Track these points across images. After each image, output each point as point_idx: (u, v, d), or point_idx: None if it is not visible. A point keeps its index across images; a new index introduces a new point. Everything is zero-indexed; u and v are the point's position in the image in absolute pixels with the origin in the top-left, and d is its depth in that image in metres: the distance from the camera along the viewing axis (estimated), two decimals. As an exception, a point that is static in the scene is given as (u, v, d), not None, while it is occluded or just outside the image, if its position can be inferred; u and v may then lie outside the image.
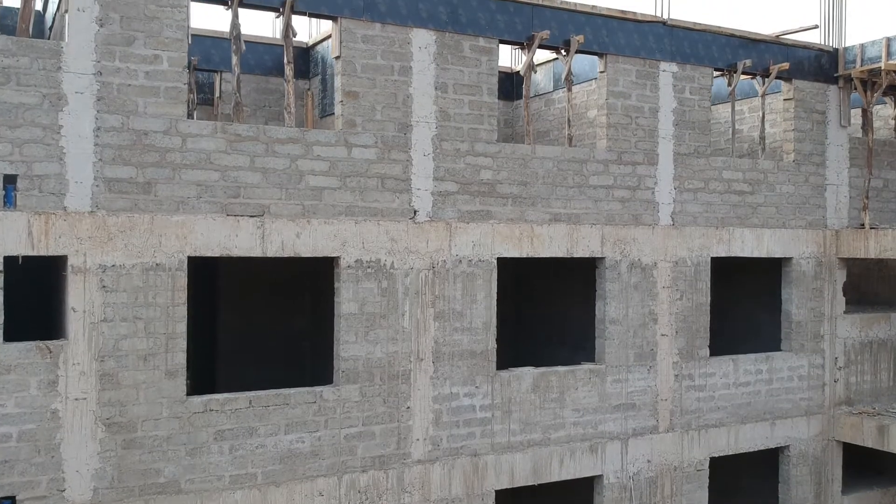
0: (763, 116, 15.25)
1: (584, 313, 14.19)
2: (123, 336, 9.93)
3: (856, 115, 16.98)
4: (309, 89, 15.36)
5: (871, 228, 15.25)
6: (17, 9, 12.10)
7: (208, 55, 14.78)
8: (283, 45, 11.38)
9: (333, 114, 13.39)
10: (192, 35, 11.07)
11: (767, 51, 14.86)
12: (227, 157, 10.52)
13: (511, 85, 17.82)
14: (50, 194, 9.59)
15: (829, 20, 15.60)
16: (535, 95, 17.62)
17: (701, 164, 14.12)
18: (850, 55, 15.48)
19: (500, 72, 13.60)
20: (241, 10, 10.94)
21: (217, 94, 15.16)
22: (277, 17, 11.16)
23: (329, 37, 14.03)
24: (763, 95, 15.13)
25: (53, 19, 12.22)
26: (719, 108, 17.54)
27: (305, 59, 15.39)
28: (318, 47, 15.13)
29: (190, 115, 12.61)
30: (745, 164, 14.68)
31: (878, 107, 17.90)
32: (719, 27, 14.36)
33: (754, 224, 14.70)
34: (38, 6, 13.78)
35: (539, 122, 17.30)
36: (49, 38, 13.41)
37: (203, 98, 15.83)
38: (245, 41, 12.67)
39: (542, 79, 17.31)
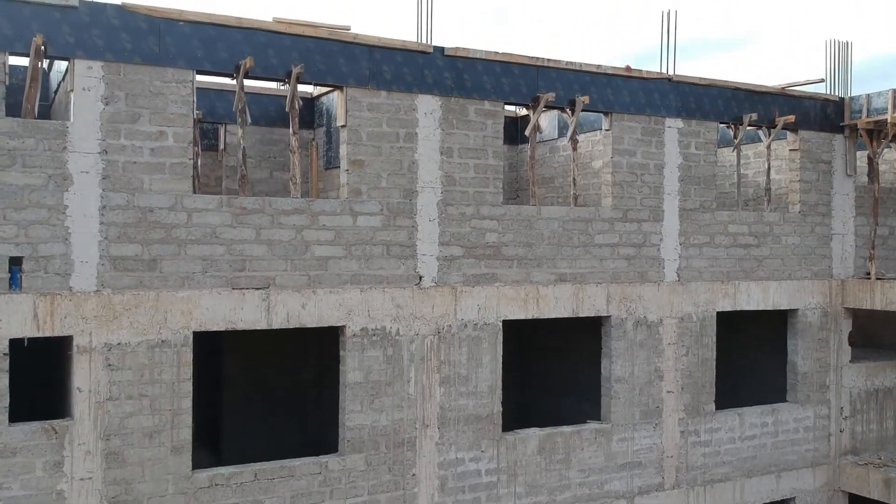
0: (769, 168, 15.21)
1: (589, 363, 14.15)
2: (129, 414, 9.92)
3: (861, 155, 16.91)
4: (313, 139, 15.35)
5: (877, 279, 15.19)
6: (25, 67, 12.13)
7: (213, 108, 14.76)
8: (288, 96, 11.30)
9: (338, 167, 13.41)
10: (197, 88, 11.02)
11: (773, 102, 14.81)
12: (233, 231, 10.50)
13: (515, 129, 17.78)
14: (55, 275, 9.58)
15: (835, 70, 15.55)
16: (540, 142, 17.57)
17: (706, 219, 14.08)
18: (857, 105, 15.43)
19: (504, 116, 13.51)
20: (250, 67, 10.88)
21: (222, 146, 15.15)
22: (283, 85, 11.13)
23: (334, 89, 14.01)
24: (769, 147, 15.08)
25: (58, 86, 12.23)
26: (724, 151, 17.49)
27: (310, 108, 15.36)
28: (323, 98, 15.11)
29: (195, 174, 12.54)
30: (750, 217, 14.64)
31: (884, 149, 17.83)
32: (725, 81, 14.32)
33: (760, 277, 14.66)
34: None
35: (543, 169, 17.25)
36: (54, 97, 13.42)
37: (207, 144, 15.82)
38: (250, 92, 12.71)
39: (546, 126, 17.26)
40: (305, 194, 13.56)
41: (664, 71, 13.85)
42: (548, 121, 17.33)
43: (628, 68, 19.83)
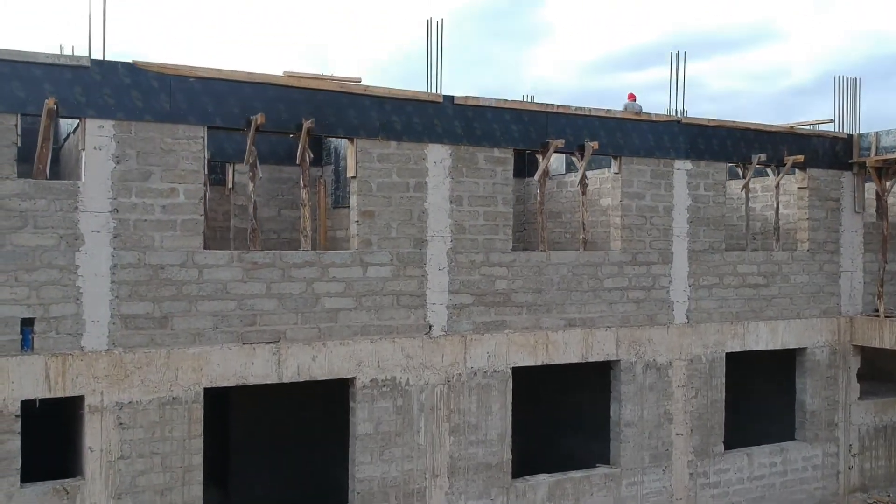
0: (777, 207, 15.18)
1: (598, 401, 14.10)
2: (140, 472, 9.91)
3: (869, 187, 16.86)
4: (321, 177, 15.34)
5: (886, 317, 15.16)
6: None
7: (221, 147, 14.75)
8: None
9: (346, 206, 13.41)
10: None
11: (782, 141, 14.79)
12: (244, 286, 10.49)
13: (522, 162, 17.75)
14: (67, 335, 9.57)
15: (843, 107, 15.53)
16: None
17: (716, 260, 14.05)
18: (865, 142, 15.40)
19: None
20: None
21: (230, 185, 15.14)
22: (292, 136, 11.12)
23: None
24: (777, 186, 15.05)
25: (66, 136, 12.23)
26: (731, 183, 17.45)
27: (318, 146, 15.34)
28: (331, 136, 15.06)
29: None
30: (759, 256, 14.62)
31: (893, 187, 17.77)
32: (734, 122, 14.30)
33: (769, 316, 14.63)
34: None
35: (551, 203, 17.21)
36: (63, 143, 13.43)
37: (215, 179, 15.81)
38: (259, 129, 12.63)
39: (554, 161, 17.21)
40: (314, 243, 13.50)
41: (672, 108, 13.85)
42: (555, 156, 17.27)
43: (631, 96, 19.88)
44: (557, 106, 12.68)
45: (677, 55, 13.83)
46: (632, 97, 22.82)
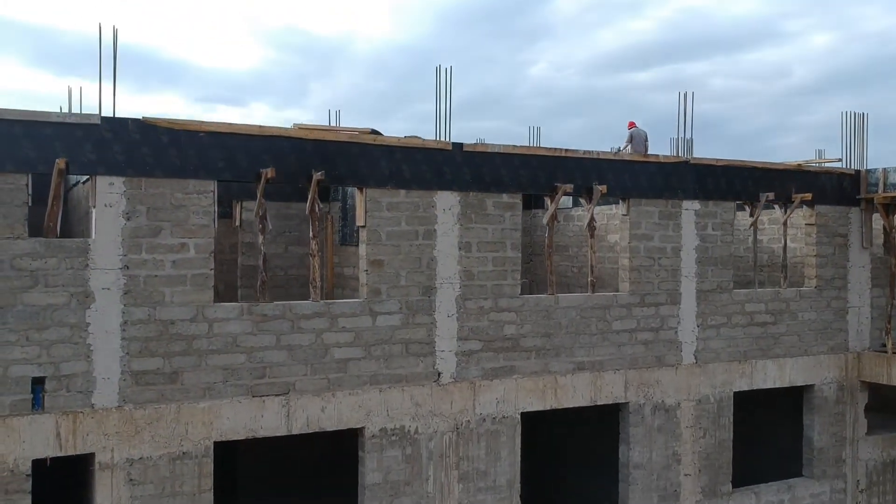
0: (785, 245, 15.17)
1: (606, 442, 14.07)
2: (150, 528, 9.90)
3: (876, 217, 16.82)
4: (328, 213, 15.32)
5: (893, 353, 15.13)
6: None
7: (229, 186, 14.70)
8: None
9: (354, 244, 13.40)
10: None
11: (790, 179, 14.77)
12: (254, 339, 10.49)
13: (529, 195, 17.70)
14: (77, 393, 9.57)
15: (851, 142, 15.50)
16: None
17: (724, 300, 14.04)
18: (873, 178, 15.39)
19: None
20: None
21: (237, 223, 15.11)
22: (302, 186, 11.11)
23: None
24: (785, 223, 15.04)
25: (75, 183, 12.22)
26: (738, 214, 17.42)
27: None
28: (341, 186, 15.04)
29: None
30: (767, 294, 14.60)
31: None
32: (742, 161, 14.29)
33: (777, 354, 14.62)
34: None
35: (558, 237, 17.19)
36: (71, 187, 13.42)
37: (223, 212, 15.78)
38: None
39: (561, 194, 17.21)
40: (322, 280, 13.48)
41: (681, 146, 13.83)
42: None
43: (631, 124, 19.89)
44: (566, 150, 12.67)
45: (684, 95, 13.80)
46: (632, 125, 22.79)
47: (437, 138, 12.02)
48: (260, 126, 10.57)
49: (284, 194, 15.33)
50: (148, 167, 9.90)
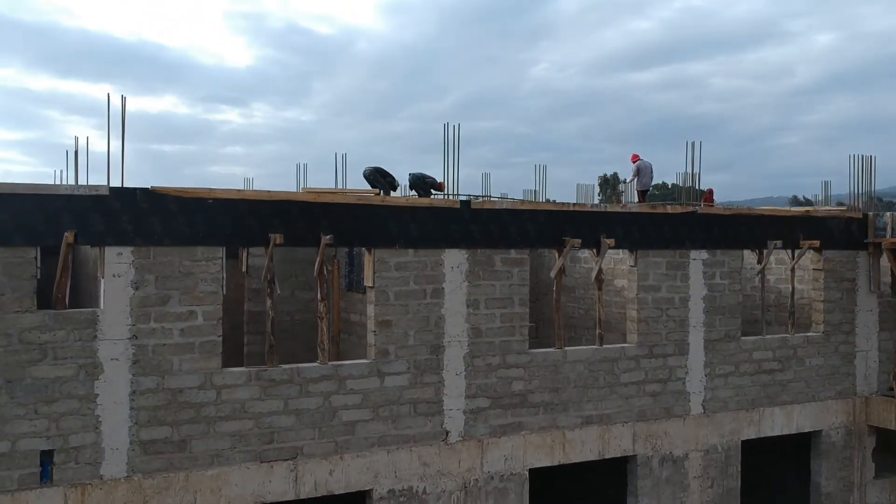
0: (793, 291, 15.12)
1: (612, 489, 14.01)
2: None
3: (884, 265, 16.77)
4: (335, 257, 15.28)
5: (901, 398, 15.09)
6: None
7: (235, 232, 14.67)
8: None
9: (361, 290, 13.35)
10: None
11: (797, 225, 14.73)
12: (262, 404, 10.46)
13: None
14: (86, 464, 9.55)
15: (857, 186, 15.47)
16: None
17: (731, 348, 14.00)
18: (881, 223, 15.34)
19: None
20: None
21: (244, 269, 15.07)
22: (314, 247, 11.07)
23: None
24: (793, 270, 14.99)
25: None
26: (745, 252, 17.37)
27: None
28: (349, 247, 14.98)
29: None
30: (775, 342, 14.56)
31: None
32: (749, 209, 14.27)
33: (784, 401, 14.57)
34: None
35: (564, 279, 17.13)
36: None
37: (229, 252, 15.74)
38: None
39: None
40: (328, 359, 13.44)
41: (688, 192, 13.80)
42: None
43: (635, 157, 19.81)
44: (574, 204, 12.65)
45: (692, 144, 13.77)
46: (636, 158, 22.79)
47: (445, 191, 11.99)
48: (269, 192, 10.55)
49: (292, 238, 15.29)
50: (156, 236, 9.88)
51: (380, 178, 19.12)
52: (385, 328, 11.26)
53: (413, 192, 20.22)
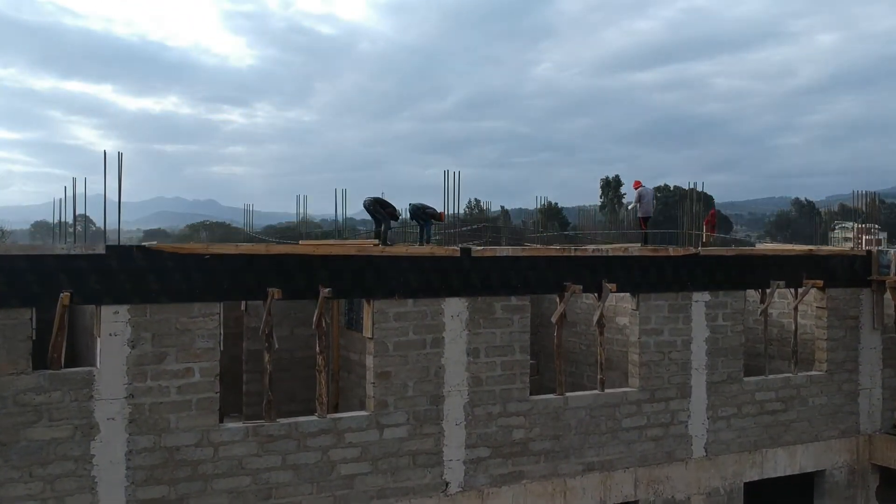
0: (796, 329, 15.00)
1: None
2: None
3: (887, 300, 16.66)
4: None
5: (905, 437, 14.97)
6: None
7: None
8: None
9: (360, 329, 13.23)
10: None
11: (801, 264, 14.61)
12: (259, 460, 10.35)
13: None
14: (82, 526, 9.44)
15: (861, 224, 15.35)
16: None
17: (734, 390, 13.88)
18: (885, 260, 15.22)
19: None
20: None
21: (243, 308, 14.99)
22: (314, 300, 10.97)
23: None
24: (796, 308, 14.88)
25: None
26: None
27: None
28: (348, 299, 14.86)
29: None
30: (777, 382, 14.44)
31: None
32: (752, 250, 14.16)
33: (787, 441, 14.45)
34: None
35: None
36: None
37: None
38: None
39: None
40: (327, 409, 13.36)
41: (690, 239, 13.69)
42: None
43: (637, 183, 19.69)
44: (575, 249, 12.54)
45: (695, 184, 13.65)
46: (638, 184, 22.70)
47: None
48: (266, 246, 10.47)
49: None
50: (153, 294, 9.78)
51: (379, 208, 19.04)
52: (384, 379, 11.15)
53: (413, 221, 20.16)
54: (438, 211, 20.45)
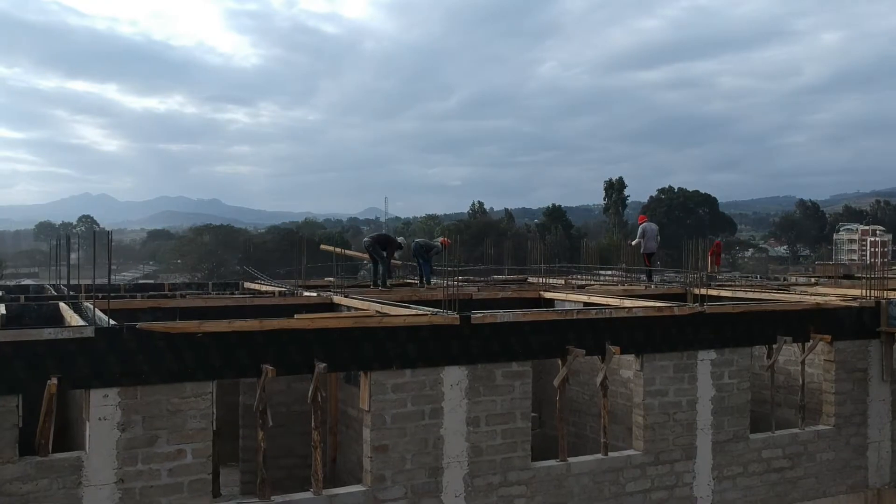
0: (803, 383, 14.71)
1: None
2: None
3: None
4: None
5: (915, 493, 14.68)
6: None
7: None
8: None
9: (358, 384, 12.95)
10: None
11: (808, 318, 14.32)
12: (253, 541, 10.10)
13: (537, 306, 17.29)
14: None
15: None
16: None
17: (740, 449, 13.59)
18: (893, 310, 14.91)
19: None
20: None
21: (238, 404, 14.65)
22: (308, 378, 10.70)
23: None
24: (803, 363, 14.58)
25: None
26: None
27: (330, 311, 14.92)
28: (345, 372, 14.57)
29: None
30: (784, 439, 14.15)
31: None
32: (759, 305, 13.85)
33: (794, 499, 14.16)
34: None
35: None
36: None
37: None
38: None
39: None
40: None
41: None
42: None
43: (643, 218, 19.43)
44: (577, 312, 12.27)
45: (697, 238, 13.36)
46: (643, 219, 22.41)
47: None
48: (260, 322, 10.18)
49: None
50: (144, 375, 9.52)
51: (378, 249, 18.85)
52: (382, 453, 10.88)
53: (415, 259, 19.99)
54: (441, 239, 20.31)
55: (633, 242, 22.17)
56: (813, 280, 24.39)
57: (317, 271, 24.32)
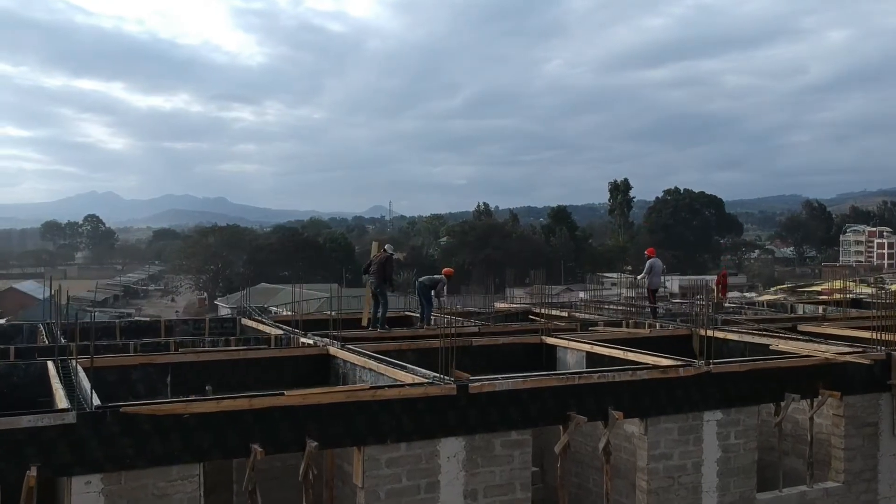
0: (811, 441, 14.32)
1: None
2: None
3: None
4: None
5: (926, 552, 14.28)
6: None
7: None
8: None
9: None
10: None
11: (816, 374, 13.93)
12: None
13: (539, 355, 16.95)
14: None
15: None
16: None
17: (746, 511, 13.22)
18: (905, 364, 14.50)
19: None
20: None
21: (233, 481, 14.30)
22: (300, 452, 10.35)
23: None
24: (811, 419, 14.20)
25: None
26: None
27: (325, 366, 14.62)
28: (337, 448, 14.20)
29: None
30: (792, 499, 13.77)
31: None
32: (766, 362, 13.47)
33: (801, 561, 13.79)
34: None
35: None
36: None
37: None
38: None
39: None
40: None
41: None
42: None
43: (651, 252, 19.03)
44: (579, 377, 11.91)
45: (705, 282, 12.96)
46: (651, 252, 22.02)
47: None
48: (249, 399, 9.84)
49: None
50: (128, 459, 9.20)
51: (383, 287, 18.57)
52: (375, 529, 10.54)
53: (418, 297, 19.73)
54: (445, 272, 20.11)
55: (640, 277, 21.80)
56: (820, 311, 23.99)
57: (320, 274, 24.08)
